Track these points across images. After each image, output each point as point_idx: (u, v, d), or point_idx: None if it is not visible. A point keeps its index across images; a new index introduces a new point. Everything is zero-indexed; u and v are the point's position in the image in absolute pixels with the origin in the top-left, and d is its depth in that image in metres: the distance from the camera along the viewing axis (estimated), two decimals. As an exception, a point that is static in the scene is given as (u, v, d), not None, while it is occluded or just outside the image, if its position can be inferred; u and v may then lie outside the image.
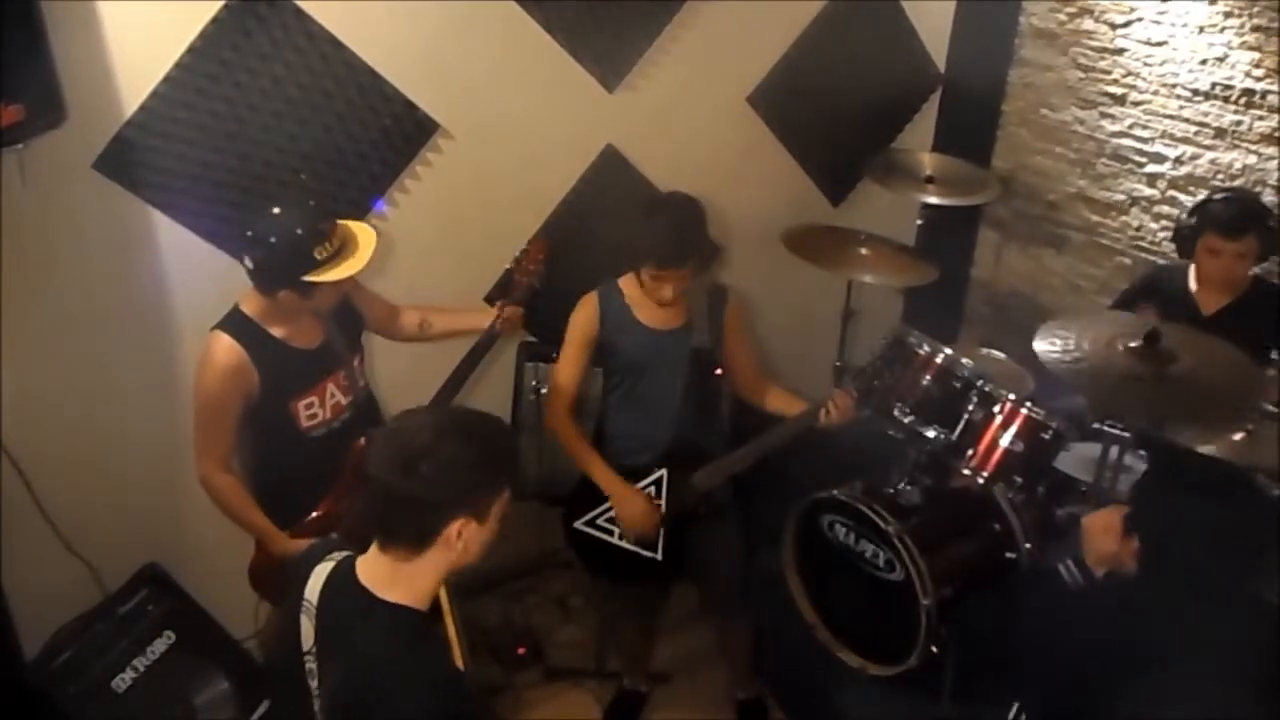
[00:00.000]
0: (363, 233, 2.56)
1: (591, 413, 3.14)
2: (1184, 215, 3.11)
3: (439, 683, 1.66)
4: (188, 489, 2.67)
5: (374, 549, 1.73)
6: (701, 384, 2.99)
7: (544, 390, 3.33)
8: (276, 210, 2.48)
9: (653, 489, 2.97)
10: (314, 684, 1.73)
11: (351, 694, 1.66)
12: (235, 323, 2.54)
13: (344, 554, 1.80)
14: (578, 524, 3.03)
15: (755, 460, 2.95)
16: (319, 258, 2.43)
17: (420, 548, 1.68)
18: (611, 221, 2.98)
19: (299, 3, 2.83)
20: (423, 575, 1.71)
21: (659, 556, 3.00)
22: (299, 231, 2.42)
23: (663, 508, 2.97)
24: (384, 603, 1.69)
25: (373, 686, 1.63)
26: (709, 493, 2.98)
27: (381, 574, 1.71)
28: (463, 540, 1.68)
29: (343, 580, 1.74)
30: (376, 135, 3.07)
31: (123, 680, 2.82)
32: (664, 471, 2.95)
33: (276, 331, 2.56)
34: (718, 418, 3.11)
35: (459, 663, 1.84)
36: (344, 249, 2.49)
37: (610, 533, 3.00)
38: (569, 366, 2.95)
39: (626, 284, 2.95)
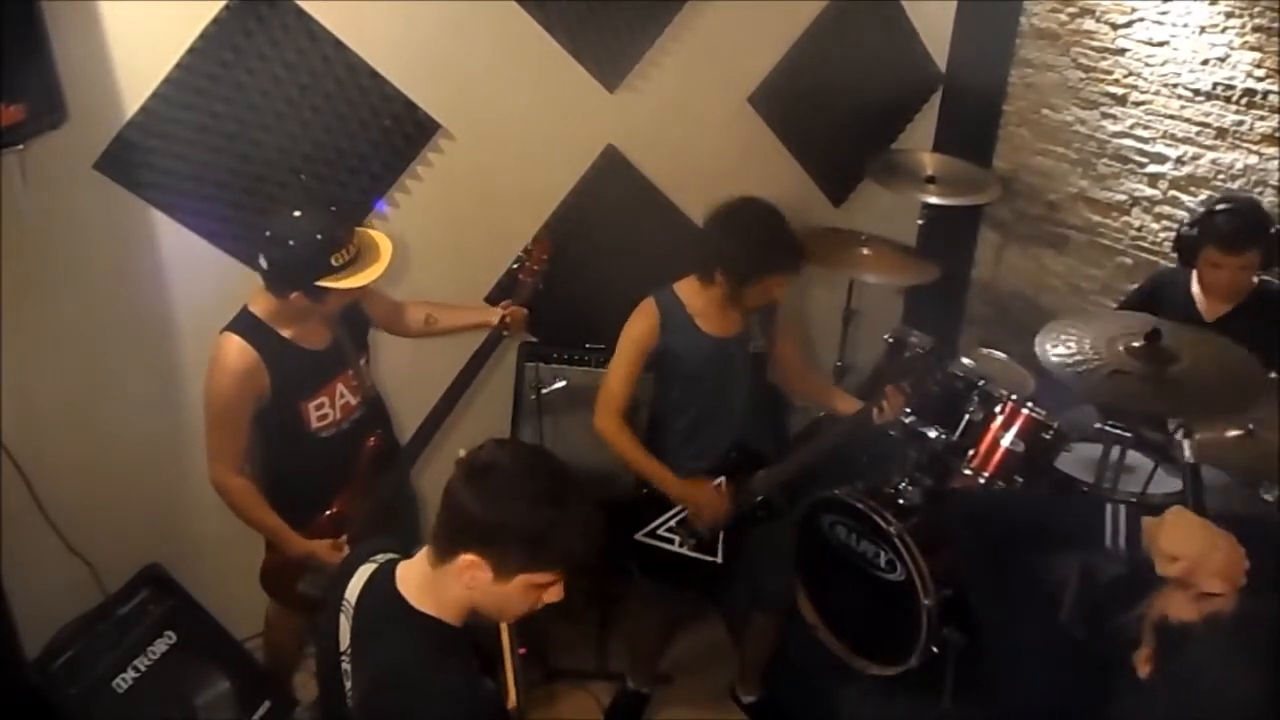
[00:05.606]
0: (381, 241, 2.55)
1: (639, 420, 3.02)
2: (1185, 222, 3.06)
3: (462, 697, 1.63)
4: (189, 489, 2.67)
5: (420, 551, 1.72)
6: (762, 389, 2.94)
7: (544, 390, 3.31)
8: (297, 213, 2.47)
9: None
10: (348, 684, 1.73)
11: (377, 698, 1.66)
12: (246, 324, 2.53)
13: (388, 557, 1.78)
14: (638, 536, 2.95)
15: (813, 462, 2.91)
16: (335, 264, 2.43)
17: (441, 560, 1.66)
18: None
19: (300, 3, 2.83)
20: (446, 590, 1.67)
21: (719, 560, 2.94)
22: (318, 236, 2.42)
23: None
24: (415, 611, 1.67)
25: (397, 693, 1.62)
26: (768, 497, 2.93)
27: (416, 580, 1.69)
28: (470, 580, 1.63)
29: (381, 584, 1.73)
30: (377, 135, 3.06)
31: (123, 681, 2.81)
32: (722, 478, 2.89)
33: (286, 332, 2.56)
34: (780, 423, 3.06)
35: (511, 699, 1.81)
36: (360, 256, 2.48)
37: (670, 541, 2.94)
38: (624, 374, 2.82)
39: (685, 291, 2.83)
